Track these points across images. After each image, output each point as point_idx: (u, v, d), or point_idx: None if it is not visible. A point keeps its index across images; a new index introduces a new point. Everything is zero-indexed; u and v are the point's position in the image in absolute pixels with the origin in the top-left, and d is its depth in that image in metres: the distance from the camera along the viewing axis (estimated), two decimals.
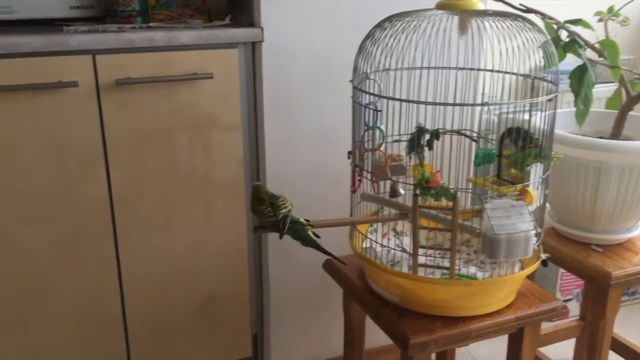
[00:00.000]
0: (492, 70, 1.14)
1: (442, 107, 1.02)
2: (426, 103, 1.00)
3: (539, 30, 1.05)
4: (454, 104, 1.01)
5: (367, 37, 1.12)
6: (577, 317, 1.61)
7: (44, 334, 1.41)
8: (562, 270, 1.98)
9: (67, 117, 1.29)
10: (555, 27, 1.25)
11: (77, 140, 1.31)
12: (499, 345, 1.25)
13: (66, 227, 1.35)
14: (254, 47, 1.40)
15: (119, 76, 1.29)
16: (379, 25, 1.11)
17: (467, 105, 1.05)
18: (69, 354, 1.44)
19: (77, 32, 1.28)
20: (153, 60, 1.31)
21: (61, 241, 1.36)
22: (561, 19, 1.26)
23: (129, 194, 1.38)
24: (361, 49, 1.12)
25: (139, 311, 1.47)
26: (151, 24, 1.41)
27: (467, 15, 1.06)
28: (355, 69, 1.13)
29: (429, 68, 1.08)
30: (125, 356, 1.50)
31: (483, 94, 1.15)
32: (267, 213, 1.08)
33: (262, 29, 1.37)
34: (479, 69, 1.15)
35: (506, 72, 1.08)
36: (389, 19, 1.10)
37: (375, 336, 1.36)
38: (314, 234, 1.08)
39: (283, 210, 1.08)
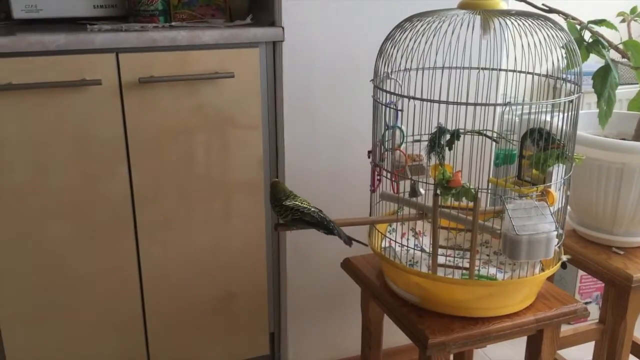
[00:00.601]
0: (514, 71, 1.13)
1: (460, 106, 1.01)
2: (448, 103, 0.99)
3: (561, 29, 1.04)
4: (475, 104, 1.00)
5: (388, 38, 1.12)
6: (597, 320, 1.60)
7: (64, 329, 1.43)
8: (581, 273, 1.96)
9: (90, 115, 1.30)
10: (578, 27, 1.24)
11: (99, 138, 1.32)
12: (518, 347, 1.24)
13: (88, 224, 1.37)
14: (274, 47, 1.41)
15: (142, 75, 1.30)
16: (400, 26, 1.11)
17: (491, 105, 1.04)
18: (89, 348, 1.46)
19: (101, 31, 1.29)
20: (175, 59, 1.32)
21: (83, 237, 1.38)
22: (584, 19, 1.25)
23: (149, 192, 1.39)
24: (381, 51, 1.12)
25: (159, 307, 1.49)
26: (173, 24, 1.42)
27: (489, 15, 1.06)
28: (375, 72, 1.13)
29: (449, 68, 1.08)
30: (144, 352, 1.51)
31: (504, 95, 1.14)
32: (279, 211, 1.09)
33: (282, 28, 1.37)
34: (500, 69, 1.14)
35: (528, 73, 1.07)
36: (410, 19, 1.10)
37: (392, 336, 1.36)
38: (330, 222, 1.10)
39: (303, 204, 1.09)
